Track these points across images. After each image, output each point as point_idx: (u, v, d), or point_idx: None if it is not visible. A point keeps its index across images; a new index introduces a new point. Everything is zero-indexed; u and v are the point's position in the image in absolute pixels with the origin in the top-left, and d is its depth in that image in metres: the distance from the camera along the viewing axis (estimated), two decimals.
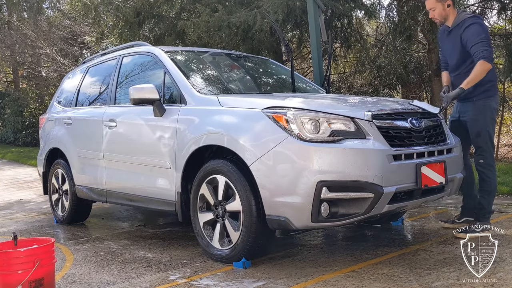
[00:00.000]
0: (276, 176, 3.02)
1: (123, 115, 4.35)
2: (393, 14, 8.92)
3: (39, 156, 5.87)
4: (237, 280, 3.06)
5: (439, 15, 3.88)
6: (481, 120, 3.78)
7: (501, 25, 9.15)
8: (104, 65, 5.10)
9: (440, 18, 3.89)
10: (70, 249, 4.13)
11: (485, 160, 3.80)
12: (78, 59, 16.69)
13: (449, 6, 3.83)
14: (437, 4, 3.85)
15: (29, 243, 2.94)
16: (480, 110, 3.78)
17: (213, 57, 4.72)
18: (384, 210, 3.08)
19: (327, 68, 4.97)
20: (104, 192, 4.58)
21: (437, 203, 5.11)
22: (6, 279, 2.68)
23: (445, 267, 3.07)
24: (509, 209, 4.79)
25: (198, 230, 3.54)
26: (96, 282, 3.23)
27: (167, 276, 3.24)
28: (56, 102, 5.80)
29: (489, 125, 3.81)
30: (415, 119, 3.34)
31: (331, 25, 8.69)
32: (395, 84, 9.53)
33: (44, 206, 6.64)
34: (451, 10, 3.84)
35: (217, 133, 3.38)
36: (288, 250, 3.69)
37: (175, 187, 3.69)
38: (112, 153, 4.42)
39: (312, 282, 2.94)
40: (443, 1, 3.82)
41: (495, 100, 3.82)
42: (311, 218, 2.93)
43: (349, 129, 3.08)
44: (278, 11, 7.26)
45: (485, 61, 3.61)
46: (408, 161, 3.16)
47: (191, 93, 3.75)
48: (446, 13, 3.85)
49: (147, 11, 9.20)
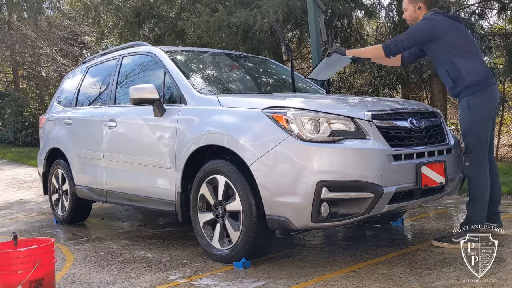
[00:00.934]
0: (276, 176, 3.02)
1: (123, 115, 4.35)
2: (393, 14, 8.93)
3: (39, 156, 5.87)
4: (237, 280, 3.06)
5: (409, 16, 3.81)
6: (465, 118, 3.59)
7: (501, 25, 9.15)
8: (104, 65, 5.10)
9: (411, 20, 3.81)
10: (70, 249, 4.13)
11: (471, 163, 3.55)
12: (78, 59, 16.70)
13: (419, 8, 3.74)
14: (409, 5, 3.80)
15: (29, 243, 2.94)
16: (463, 108, 3.59)
17: (213, 57, 4.72)
18: (384, 210, 3.08)
19: None
20: (104, 192, 4.58)
21: (437, 203, 5.11)
22: (6, 279, 2.68)
23: (445, 267, 3.07)
24: (509, 209, 4.79)
25: (198, 230, 3.55)
26: (96, 282, 3.23)
27: (167, 276, 3.24)
28: (56, 102, 5.80)
29: (476, 125, 3.54)
30: (415, 119, 3.34)
31: (331, 25, 8.70)
32: (395, 84, 9.53)
33: (44, 206, 6.65)
34: (422, 13, 3.73)
35: (217, 133, 3.38)
36: (288, 250, 3.69)
37: (175, 187, 3.69)
38: (112, 153, 4.42)
39: (312, 282, 2.95)
40: (415, 3, 3.76)
41: (482, 96, 3.53)
42: (311, 218, 2.93)
43: (349, 129, 3.08)
44: (278, 11, 7.27)
45: (381, 46, 3.66)
46: (408, 161, 3.15)
47: (191, 93, 3.75)
48: (416, 15, 3.76)
49: (147, 11, 9.21)
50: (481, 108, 3.53)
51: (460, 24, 3.68)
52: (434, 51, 3.68)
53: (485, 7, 8.38)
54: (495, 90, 3.63)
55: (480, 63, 3.63)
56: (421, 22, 3.66)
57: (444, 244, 3.51)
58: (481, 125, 3.54)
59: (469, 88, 3.54)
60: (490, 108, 3.58)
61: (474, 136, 3.53)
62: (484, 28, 8.25)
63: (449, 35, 3.58)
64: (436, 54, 3.68)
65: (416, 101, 3.64)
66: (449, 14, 3.70)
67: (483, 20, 8.30)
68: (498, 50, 8.06)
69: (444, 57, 3.62)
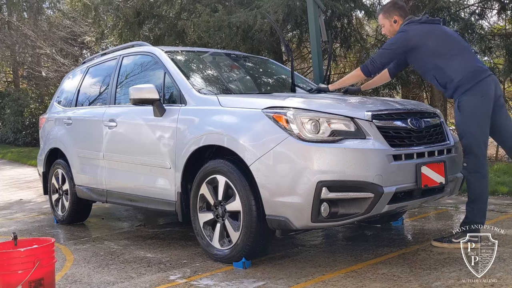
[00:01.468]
0: (276, 176, 3.02)
1: (123, 115, 4.35)
2: None
3: (39, 156, 5.87)
4: (237, 280, 3.06)
5: (388, 31, 3.81)
6: (459, 119, 3.50)
7: (501, 25, 9.15)
8: (104, 65, 5.10)
9: (390, 34, 3.79)
10: (70, 249, 4.13)
11: (469, 164, 3.47)
12: (78, 59, 16.72)
13: (395, 22, 3.72)
14: (384, 20, 3.79)
15: (29, 243, 2.94)
16: (457, 109, 3.51)
17: (213, 57, 4.72)
18: (384, 210, 3.08)
19: (327, 68, 4.97)
20: (104, 192, 4.58)
21: (437, 203, 5.11)
22: (6, 279, 2.68)
23: (445, 267, 3.07)
24: (509, 209, 4.79)
25: (198, 230, 3.55)
26: (96, 282, 3.23)
27: (167, 276, 3.24)
28: (56, 102, 5.80)
29: (471, 124, 3.44)
30: (415, 119, 3.34)
31: (331, 25, 8.70)
32: (395, 84, 9.53)
33: (44, 206, 6.65)
34: (398, 25, 3.71)
35: (217, 133, 3.38)
36: (288, 250, 3.69)
37: (175, 187, 3.69)
38: (112, 153, 4.42)
39: (312, 282, 2.95)
40: (389, 18, 3.75)
41: (472, 95, 3.42)
42: (311, 218, 2.93)
43: (349, 129, 3.08)
44: (278, 11, 7.27)
45: (360, 69, 3.74)
46: (408, 161, 3.15)
47: (191, 93, 3.75)
48: (394, 29, 3.74)
49: (147, 11, 9.21)
50: (473, 108, 3.43)
51: (436, 25, 3.62)
52: (416, 60, 3.65)
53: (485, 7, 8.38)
54: (486, 85, 3.45)
55: (465, 59, 3.51)
56: (396, 36, 3.64)
57: (444, 244, 3.51)
58: (475, 125, 3.44)
59: (459, 89, 3.47)
60: (485, 104, 3.44)
61: (470, 137, 3.45)
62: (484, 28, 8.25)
63: (426, 42, 3.53)
64: (419, 62, 3.65)
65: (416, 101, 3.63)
66: (423, 20, 3.64)
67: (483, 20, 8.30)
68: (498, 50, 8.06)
69: (427, 64, 3.58)
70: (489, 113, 3.48)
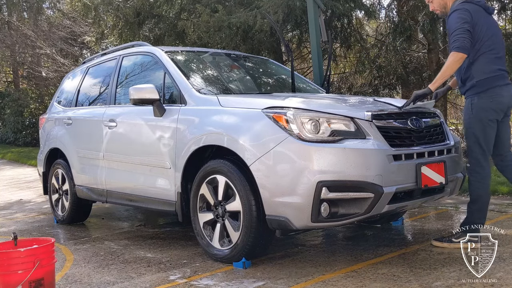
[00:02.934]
0: (276, 176, 3.02)
1: (123, 115, 4.35)
2: (393, 14, 8.94)
3: (39, 156, 5.87)
4: (237, 280, 3.06)
5: (438, 5, 3.57)
6: (466, 119, 3.48)
7: (501, 25, 9.15)
8: (104, 65, 5.10)
9: (440, 8, 3.57)
10: (70, 249, 4.13)
11: (471, 164, 3.47)
12: (78, 59, 16.73)
13: None
14: None
15: (29, 243, 2.94)
16: (466, 108, 3.48)
17: (213, 57, 4.72)
18: (384, 210, 3.08)
19: (327, 68, 4.97)
20: (104, 192, 4.58)
21: (437, 203, 5.11)
22: (6, 279, 2.68)
23: (445, 267, 3.07)
24: (509, 209, 4.79)
25: (198, 230, 3.55)
26: (96, 282, 3.23)
27: (167, 276, 3.24)
28: (56, 102, 5.80)
29: (475, 126, 3.42)
30: (415, 119, 3.34)
31: (331, 25, 8.70)
32: (395, 84, 9.54)
33: (44, 206, 6.65)
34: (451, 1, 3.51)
35: (217, 133, 3.38)
36: (288, 250, 3.69)
37: (175, 187, 3.69)
38: (112, 153, 4.42)
39: (312, 282, 2.95)
40: None
41: (484, 98, 3.38)
42: (311, 218, 2.93)
43: (349, 129, 3.08)
44: (278, 11, 7.27)
45: (454, 52, 3.29)
46: (408, 161, 3.15)
47: (191, 93, 3.75)
48: (445, 1, 3.52)
49: (147, 11, 9.21)
50: (482, 111, 3.39)
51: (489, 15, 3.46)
52: None
53: None
54: (503, 92, 3.39)
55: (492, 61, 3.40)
56: (452, 16, 3.38)
57: (444, 244, 3.51)
58: (481, 128, 3.41)
59: (474, 88, 3.41)
60: (493, 109, 3.39)
61: (474, 138, 3.45)
62: None
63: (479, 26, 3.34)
64: None
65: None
66: (481, 4, 3.43)
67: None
68: None
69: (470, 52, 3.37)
70: (498, 118, 3.43)
